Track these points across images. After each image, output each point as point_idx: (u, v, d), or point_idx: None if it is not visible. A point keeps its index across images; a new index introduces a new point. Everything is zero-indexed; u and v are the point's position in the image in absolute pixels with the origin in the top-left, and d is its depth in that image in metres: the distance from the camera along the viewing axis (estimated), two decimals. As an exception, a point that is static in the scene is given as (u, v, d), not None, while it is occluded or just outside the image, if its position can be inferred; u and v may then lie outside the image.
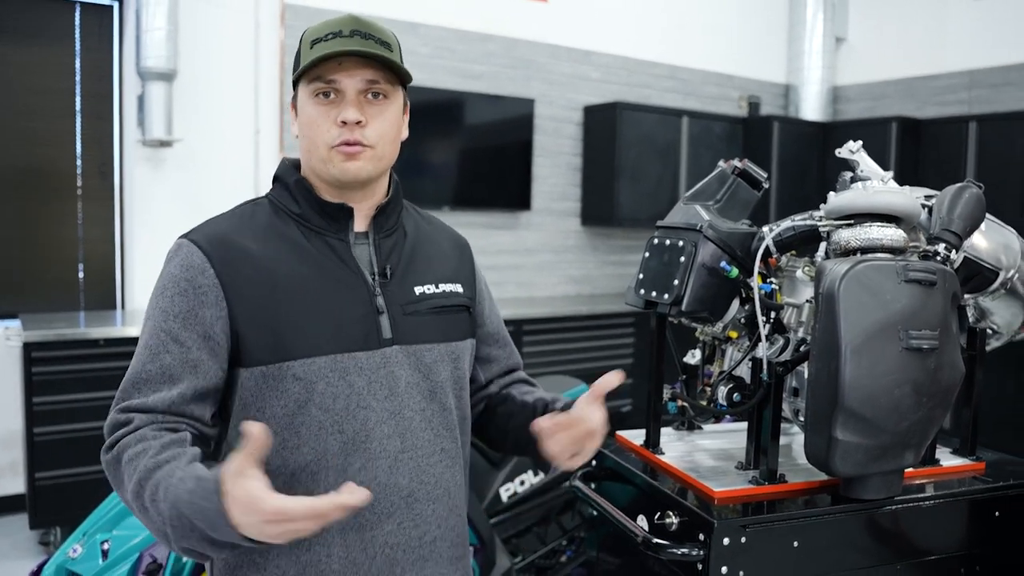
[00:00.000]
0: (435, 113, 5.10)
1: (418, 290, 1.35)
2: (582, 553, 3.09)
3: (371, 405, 1.26)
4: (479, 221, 5.44)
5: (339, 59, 1.25)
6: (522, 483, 2.90)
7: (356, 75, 1.26)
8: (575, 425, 1.26)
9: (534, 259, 5.77)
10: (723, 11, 6.51)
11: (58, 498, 3.65)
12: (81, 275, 4.39)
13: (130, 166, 4.35)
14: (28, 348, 3.57)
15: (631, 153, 5.67)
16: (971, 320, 1.89)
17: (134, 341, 3.79)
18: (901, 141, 5.77)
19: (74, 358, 3.65)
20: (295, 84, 1.32)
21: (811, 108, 6.70)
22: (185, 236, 1.29)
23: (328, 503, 0.97)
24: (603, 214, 5.80)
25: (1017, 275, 1.82)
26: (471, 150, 5.40)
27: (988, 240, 1.80)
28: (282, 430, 1.23)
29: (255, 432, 0.98)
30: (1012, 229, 1.87)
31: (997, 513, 1.73)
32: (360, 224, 1.34)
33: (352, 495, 0.99)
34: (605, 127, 5.71)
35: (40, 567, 2.22)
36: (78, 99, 4.32)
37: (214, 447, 1.30)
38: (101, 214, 4.42)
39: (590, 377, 3.63)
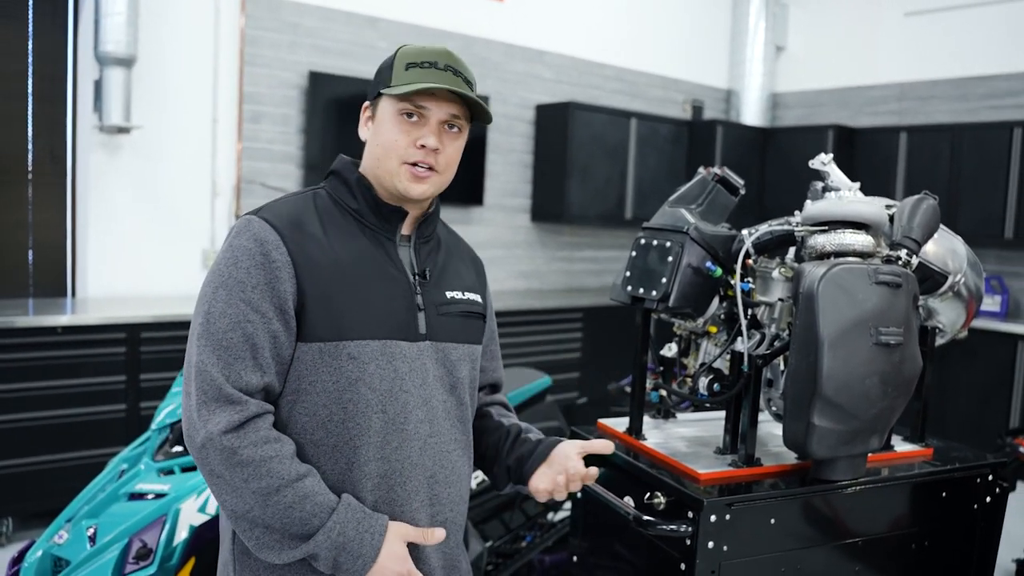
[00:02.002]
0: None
1: (449, 294, 1.47)
2: (543, 540, 3.22)
3: (410, 390, 1.36)
4: (433, 215, 5.47)
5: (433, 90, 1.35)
6: (490, 471, 3.01)
7: (443, 107, 1.38)
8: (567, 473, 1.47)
9: (485, 254, 5.75)
10: (669, 17, 6.72)
11: (10, 488, 3.58)
12: (31, 261, 4.30)
13: (85, 152, 4.27)
14: (-19, 335, 3.51)
15: (581, 152, 5.81)
16: (921, 319, 2.07)
17: (94, 329, 3.79)
18: (837, 148, 6.06)
19: (29, 345, 3.59)
20: (378, 93, 1.40)
21: (751, 113, 6.96)
22: (253, 213, 1.35)
23: None
24: (553, 211, 5.93)
25: (963, 279, 2.01)
26: (426, 145, 5.43)
27: (937, 246, 1.98)
28: (331, 404, 1.31)
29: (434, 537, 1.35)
30: (959, 237, 2.06)
31: (944, 494, 1.92)
32: (405, 228, 1.45)
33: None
34: (557, 126, 5.84)
35: (22, 553, 2.22)
36: (30, 81, 4.23)
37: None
38: (52, 199, 4.32)
39: (541, 370, 3.76)
